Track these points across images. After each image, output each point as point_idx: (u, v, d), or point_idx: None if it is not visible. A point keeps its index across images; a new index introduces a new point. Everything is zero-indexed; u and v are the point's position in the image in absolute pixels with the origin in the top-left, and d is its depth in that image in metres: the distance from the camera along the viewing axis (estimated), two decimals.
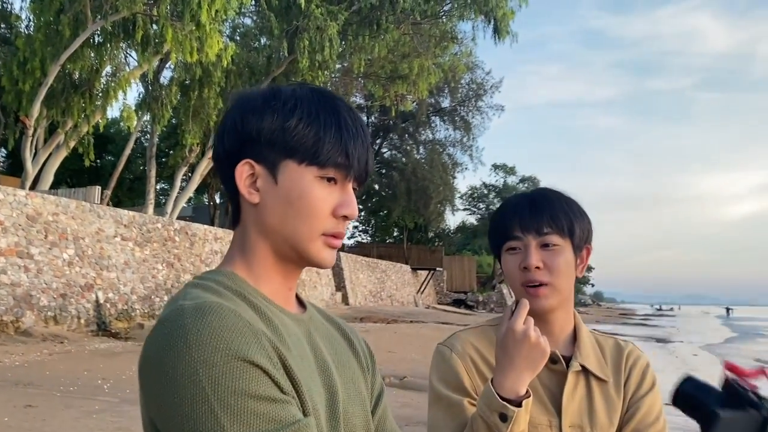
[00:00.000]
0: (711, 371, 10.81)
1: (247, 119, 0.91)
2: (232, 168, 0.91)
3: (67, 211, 13.12)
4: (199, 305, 0.80)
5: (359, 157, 0.91)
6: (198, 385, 0.74)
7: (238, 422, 0.74)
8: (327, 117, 0.90)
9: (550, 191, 1.42)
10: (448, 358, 1.37)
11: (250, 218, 0.93)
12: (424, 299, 35.86)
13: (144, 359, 0.80)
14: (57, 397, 6.71)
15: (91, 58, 16.01)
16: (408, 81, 21.02)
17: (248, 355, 0.77)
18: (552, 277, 1.33)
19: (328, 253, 0.92)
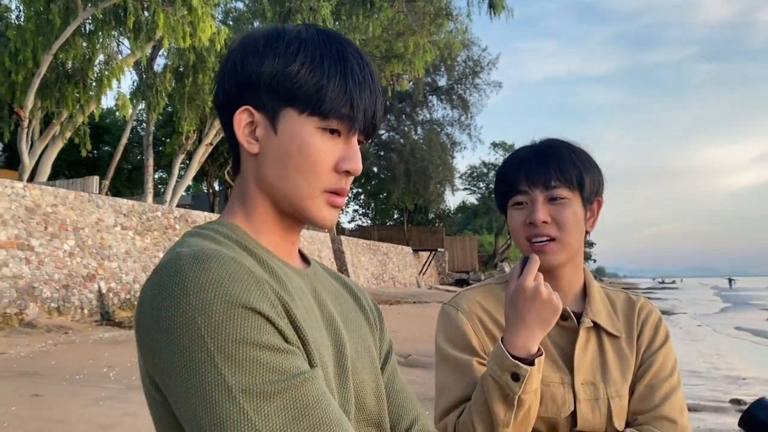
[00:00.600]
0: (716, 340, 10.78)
1: (247, 61, 0.84)
2: (232, 115, 0.86)
3: (66, 202, 13.08)
4: (197, 252, 0.75)
5: (365, 108, 0.84)
6: (196, 333, 0.69)
7: (240, 371, 0.68)
8: (332, 63, 0.83)
9: (558, 141, 1.36)
10: (454, 317, 1.33)
11: (249, 169, 0.87)
12: (427, 280, 35.94)
13: (140, 309, 0.75)
14: (63, 385, 6.72)
15: (83, 47, 15.87)
16: (403, 60, 20.88)
17: (250, 302, 0.71)
18: (560, 232, 1.28)
19: (329, 211, 0.86)
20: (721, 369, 10.66)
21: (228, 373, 0.68)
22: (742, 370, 10.49)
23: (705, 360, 11.68)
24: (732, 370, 10.57)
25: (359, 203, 48.07)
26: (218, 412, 0.68)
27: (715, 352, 12.79)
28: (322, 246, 24.16)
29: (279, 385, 0.69)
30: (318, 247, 23.66)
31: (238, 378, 0.68)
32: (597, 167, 1.35)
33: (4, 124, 16.31)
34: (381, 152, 39.64)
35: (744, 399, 7.62)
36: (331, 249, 25.29)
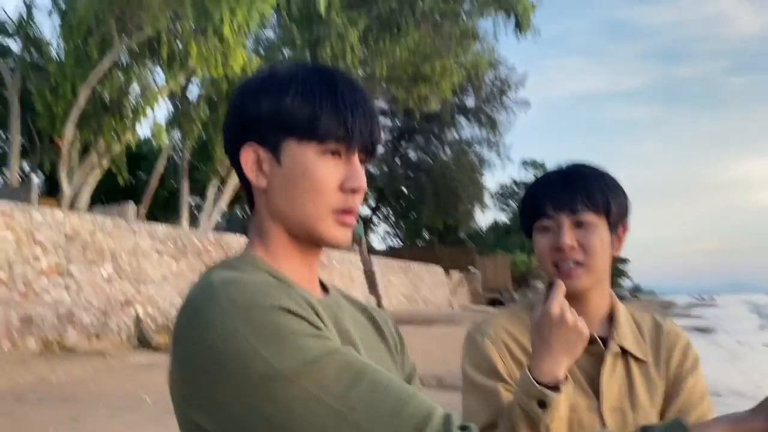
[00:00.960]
0: (758, 359, 10.43)
1: (246, 104, 0.91)
2: (237, 153, 0.92)
3: (104, 229, 13.39)
4: (225, 278, 0.81)
5: (361, 128, 0.89)
6: (240, 337, 0.74)
7: (290, 357, 0.73)
8: (322, 91, 0.89)
9: (584, 166, 1.36)
10: (480, 343, 1.33)
11: (262, 203, 0.93)
12: (459, 300, 35.65)
13: (177, 336, 0.80)
14: (101, 410, 6.85)
15: (120, 79, 16.35)
16: (431, 82, 21.00)
17: (282, 305, 0.77)
18: (586, 257, 1.28)
19: (341, 231, 0.91)
20: (765, 389, 10.35)
21: (278, 363, 0.73)
22: None
23: (748, 380, 11.34)
24: None
25: (389, 224, 48.12)
26: (283, 401, 0.72)
27: (758, 372, 12.42)
28: (352, 267, 24.21)
29: (327, 358, 0.74)
30: (349, 269, 23.72)
31: (289, 363, 0.73)
32: (623, 192, 1.36)
33: (45, 154, 16.83)
34: (410, 173, 39.68)
35: None
36: (361, 270, 25.33)
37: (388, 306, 26.31)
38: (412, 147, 40.17)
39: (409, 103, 23.11)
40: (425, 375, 9.66)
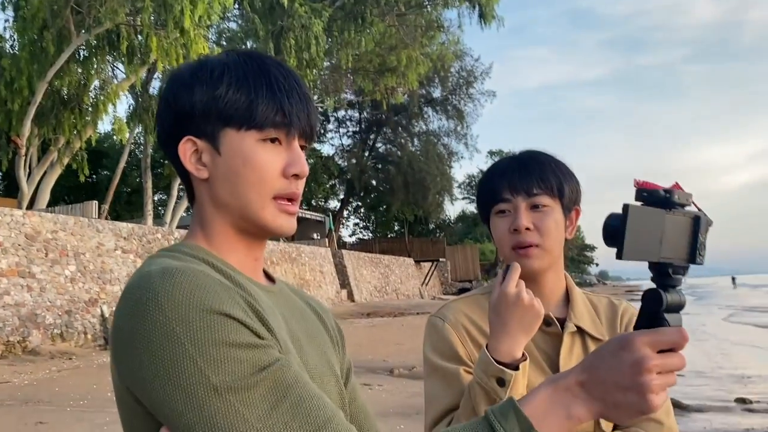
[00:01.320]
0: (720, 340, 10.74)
1: (178, 96, 0.90)
2: (174, 146, 0.90)
3: (66, 228, 13.11)
4: (166, 268, 0.79)
5: (298, 113, 0.89)
6: (177, 341, 0.73)
7: (222, 371, 0.73)
8: (257, 78, 0.88)
9: (538, 152, 1.40)
10: (440, 328, 1.35)
11: (203, 194, 0.92)
12: (429, 290, 35.88)
13: (115, 329, 0.78)
14: (67, 412, 6.71)
15: (78, 73, 15.97)
16: (397, 73, 21.00)
17: (222, 309, 0.76)
18: (542, 239, 1.31)
19: (285, 219, 0.90)
20: (726, 368, 10.64)
21: (211, 373, 0.73)
22: (746, 369, 10.46)
23: (710, 360, 11.65)
24: (736, 369, 10.55)
25: (359, 216, 48.13)
26: (207, 411, 0.72)
27: (719, 352, 12.76)
28: (323, 261, 24.15)
29: (258, 375, 0.74)
30: (319, 262, 23.65)
31: (221, 377, 0.73)
32: (575, 177, 1.39)
33: (1, 152, 16.38)
34: (379, 165, 39.71)
35: (749, 398, 7.60)
36: (332, 263, 25.28)
37: (359, 298, 26.34)
38: (381, 139, 40.19)
39: (376, 95, 23.07)
40: (397, 366, 9.68)
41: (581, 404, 0.76)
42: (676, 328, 0.77)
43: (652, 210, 0.79)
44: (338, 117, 38.32)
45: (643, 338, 0.74)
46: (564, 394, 0.76)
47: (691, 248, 0.84)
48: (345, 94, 27.79)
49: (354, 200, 43.36)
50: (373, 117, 38.02)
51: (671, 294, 0.80)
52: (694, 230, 0.84)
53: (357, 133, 39.67)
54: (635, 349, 0.73)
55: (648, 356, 0.73)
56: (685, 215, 0.83)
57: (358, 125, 39.57)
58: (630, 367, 0.73)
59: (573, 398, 0.76)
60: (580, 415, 0.76)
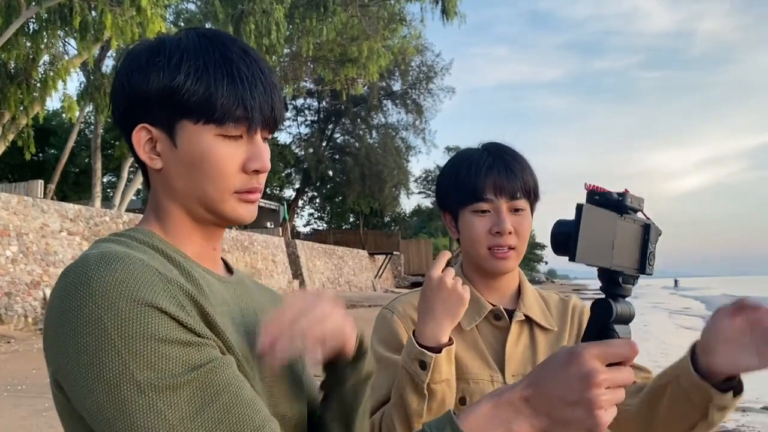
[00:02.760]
0: (661, 340, 11.03)
1: (133, 79, 0.84)
2: (129, 132, 0.86)
3: (9, 207, 12.63)
4: (104, 254, 0.75)
5: (261, 106, 0.84)
6: (103, 331, 0.69)
7: (148, 367, 0.69)
8: (217, 68, 0.82)
9: (514, 151, 1.39)
10: (389, 320, 1.37)
11: (158, 183, 0.88)
12: (382, 283, 36.00)
13: (48, 312, 0.75)
14: (4, 396, 6.50)
15: (27, 47, 15.37)
16: (358, 64, 20.93)
17: (156, 302, 0.72)
18: (519, 242, 1.34)
19: (245, 208, 0.87)
20: (664, 367, 11.00)
21: (136, 369, 0.69)
22: None
23: (651, 359, 12.02)
24: None
25: (314, 207, 47.89)
26: (128, 408, 0.69)
27: (660, 351, 13.19)
28: (276, 250, 23.95)
29: (187, 376, 0.70)
30: (272, 251, 23.45)
31: (146, 373, 0.69)
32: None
33: None
34: (336, 156, 39.56)
35: None
36: (285, 253, 25.09)
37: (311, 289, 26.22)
38: (339, 130, 40.03)
39: (336, 85, 22.96)
40: None
41: (524, 420, 0.72)
42: (625, 340, 0.74)
43: (605, 212, 0.77)
44: (296, 105, 37.96)
45: (592, 351, 0.71)
46: (506, 408, 0.73)
47: (642, 257, 0.82)
48: (304, 83, 27.59)
49: (309, 190, 43.11)
50: (332, 107, 37.83)
51: (621, 304, 0.79)
52: (645, 239, 0.82)
53: (315, 122, 39.41)
54: (583, 362, 0.70)
55: (597, 370, 0.70)
56: (636, 222, 0.81)
57: (317, 114, 39.33)
58: (578, 382, 0.70)
59: (516, 414, 0.72)
60: (522, 431, 0.72)
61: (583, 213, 0.74)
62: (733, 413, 7.64)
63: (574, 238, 0.73)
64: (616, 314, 0.78)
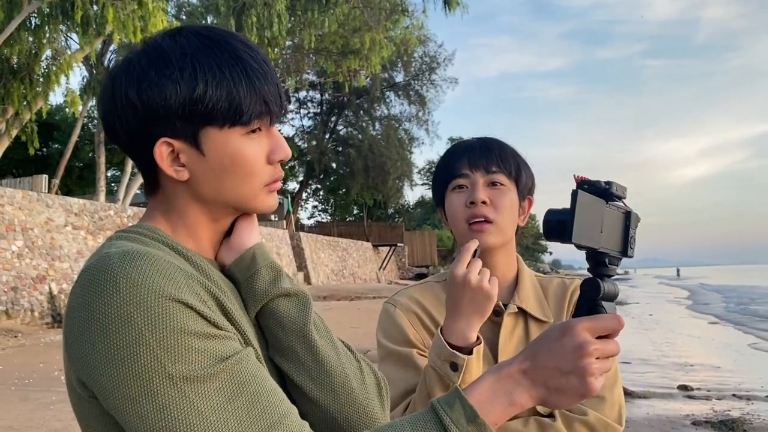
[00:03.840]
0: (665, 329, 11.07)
1: (145, 95, 0.81)
2: (142, 146, 0.84)
3: (13, 202, 12.67)
4: (126, 252, 0.76)
5: (274, 99, 0.86)
6: (134, 327, 0.71)
7: (179, 360, 0.72)
8: (232, 69, 0.82)
9: (497, 139, 1.42)
10: (392, 313, 1.37)
11: (178, 192, 0.87)
12: (387, 275, 36.03)
13: (70, 311, 0.76)
14: (12, 390, 6.54)
15: (29, 42, 15.36)
16: (360, 56, 20.84)
17: (182, 297, 0.74)
18: (497, 215, 1.32)
19: (272, 198, 0.90)
20: (670, 357, 11.01)
21: (168, 362, 0.71)
22: (689, 357, 10.85)
23: (655, 348, 12.04)
24: (680, 357, 10.93)
25: (318, 199, 47.89)
26: (162, 400, 0.71)
27: (664, 341, 13.19)
28: (280, 243, 23.98)
29: (215, 367, 0.73)
30: (276, 244, 23.48)
31: (177, 366, 0.71)
32: (530, 169, 1.41)
33: None
34: (339, 148, 39.49)
35: (691, 385, 7.90)
36: (290, 245, 25.13)
37: (316, 281, 26.28)
38: (342, 122, 39.92)
39: (339, 77, 22.89)
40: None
41: (523, 391, 0.78)
42: (612, 314, 0.81)
43: (596, 199, 0.85)
44: (299, 98, 37.86)
45: (584, 324, 0.78)
46: (507, 381, 0.79)
47: (624, 241, 0.90)
48: (307, 75, 27.48)
49: (313, 183, 43.08)
50: (335, 99, 37.70)
51: (607, 283, 0.86)
52: (626, 224, 0.90)
53: (318, 114, 39.32)
54: (576, 333, 0.77)
55: (588, 341, 0.77)
56: (618, 210, 0.90)
57: (320, 107, 39.22)
58: (571, 352, 0.77)
59: (515, 385, 0.78)
60: (522, 402, 0.78)
61: (578, 198, 0.81)
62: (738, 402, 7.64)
63: (571, 221, 0.80)
64: (603, 292, 0.85)
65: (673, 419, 6.23)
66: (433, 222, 51.69)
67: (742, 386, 8.07)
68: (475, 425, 0.76)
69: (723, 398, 7.26)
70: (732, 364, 10.16)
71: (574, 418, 1.26)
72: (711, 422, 6.01)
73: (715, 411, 6.54)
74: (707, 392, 7.62)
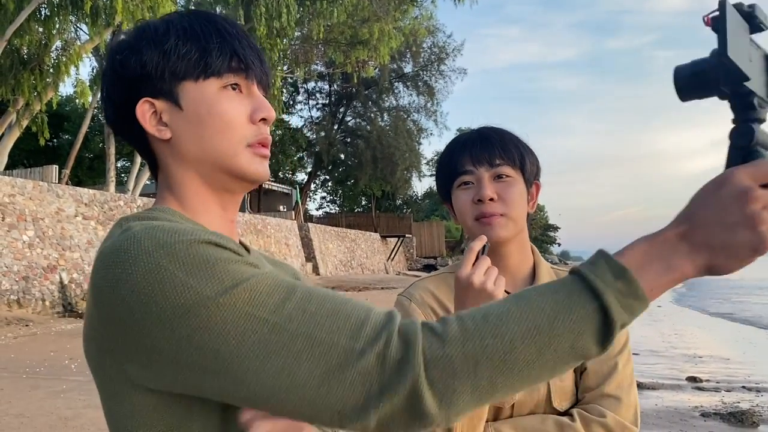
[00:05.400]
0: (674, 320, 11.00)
1: (126, 62, 0.86)
2: (129, 117, 0.86)
3: (24, 192, 12.76)
4: (145, 224, 0.77)
5: (251, 59, 0.87)
6: (165, 272, 0.69)
7: (216, 281, 0.69)
8: (203, 26, 0.86)
9: (497, 128, 1.39)
10: (407, 307, 1.35)
11: (167, 156, 0.88)
12: (395, 266, 36.06)
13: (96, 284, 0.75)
14: (23, 379, 6.60)
15: (39, 33, 15.41)
16: (369, 46, 20.77)
17: (207, 238, 0.74)
18: (506, 208, 1.30)
19: (259, 163, 0.88)
20: (679, 348, 10.97)
21: (205, 287, 0.69)
22: (698, 349, 10.81)
23: (664, 339, 12.00)
24: (689, 348, 10.89)
25: (327, 190, 47.93)
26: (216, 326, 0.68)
27: (673, 332, 13.14)
28: (289, 233, 24.03)
29: (255, 278, 0.71)
30: (285, 235, 23.54)
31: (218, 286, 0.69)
32: (533, 152, 1.39)
33: None
34: (348, 139, 39.46)
35: (700, 377, 7.87)
36: (298, 236, 25.18)
37: (324, 272, 26.34)
38: (350, 113, 39.86)
39: (347, 68, 22.83)
40: None
41: (684, 255, 0.67)
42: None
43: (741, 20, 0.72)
44: (308, 89, 37.85)
45: (743, 171, 0.67)
46: (662, 246, 0.68)
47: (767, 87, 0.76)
48: (315, 66, 27.43)
49: (322, 174, 43.10)
50: (343, 90, 37.63)
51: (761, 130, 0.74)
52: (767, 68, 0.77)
53: (326, 105, 39.28)
54: (737, 181, 0.67)
55: (752, 186, 0.66)
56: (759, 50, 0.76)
57: (328, 98, 39.18)
58: (735, 201, 0.66)
59: (673, 250, 0.68)
60: (683, 268, 0.67)
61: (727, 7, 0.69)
62: (747, 393, 7.58)
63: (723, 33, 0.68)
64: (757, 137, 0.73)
65: (682, 411, 6.21)
66: (442, 213, 51.63)
67: (751, 378, 8.04)
68: (624, 282, 0.66)
69: (732, 390, 7.23)
70: (742, 356, 10.11)
71: (591, 419, 1.25)
72: (720, 414, 5.99)
73: (724, 403, 6.52)
74: (716, 384, 7.59)
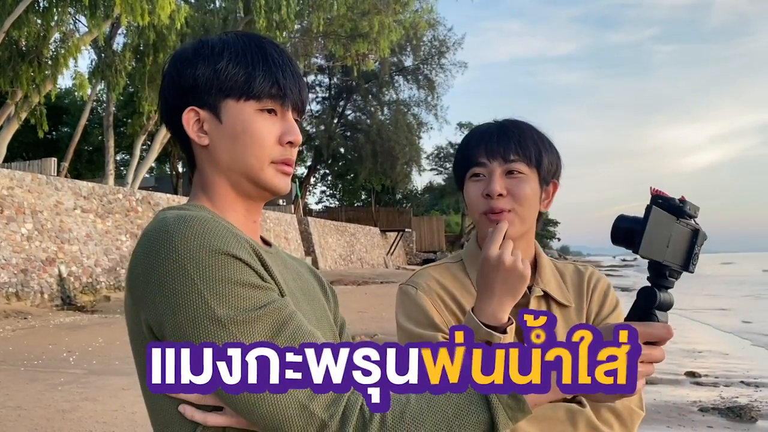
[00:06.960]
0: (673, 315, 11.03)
1: (182, 72, 0.99)
2: (177, 119, 0.99)
3: (23, 185, 12.73)
4: (181, 215, 0.89)
5: (291, 87, 0.99)
6: (187, 277, 0.84)
7: (227, 305, 0.83)
8: (254, 54, 0.98)
9: (520, 121, 1.36)
10: (414, 296, 1.32)
11: (204, 160, 1.01)
12: (394, 260, 36.07)
13: (133, 268, 0.89)
14: (21, 371, 6.59)
15: (37, 25, 15.34)
16: (369, 39, 20.70)
17: (230, 250, 0.86)
18: (516, 205, 1.28)
19: (281, 179, 1.00)
20: (678, 343, 10.96)
21: (216, 307, 0.83)
22: (697, 344, 10.81)
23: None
24: (688, 344, 10.88)
25: (326, 184, 47.89)
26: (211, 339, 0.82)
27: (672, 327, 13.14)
28: (288, 227, 24.02)
29: (259, 311, 0.84)
30: (285, 228, 23.52)
31: (225, 310, 0.83)
32: (556, 150, 1.36)
33: None
34: (347, 133, 39.39)
35: (698, 372, 7.87)
36: (297, 230, 25.17)
37: (323, 266, 26.33)
38: (350, 106, 39.77)
39: (347, 61, 22.76)
40: (359, 333, 9.75)
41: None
42: (663, 324, 0.87)
43: (667, 215, 0.90)
44: (308, 82, 37.69)
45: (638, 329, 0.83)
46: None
47: (687, 257, 0.94)
48: (315, 59, 27.36)
49: (321, 167, 43.06)
50: (343, 83, 37.54)
51: (664, 294, 0.90)
52: (693, 241, 0.95)
53: (326, 99, 39.19)
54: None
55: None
56: (688, 226, 0.94)
57: (328, 91, 39.09)
58: None
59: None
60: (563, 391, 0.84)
61: (651, 214, 0.86)
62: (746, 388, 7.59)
63: (640, 234, 0.85)
64: (659, 301, 0.89)
65: (681, 406, 6.21)
66: (441, 207, 51.62)
67: (750, 373, 8.03)
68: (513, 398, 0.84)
69: (731, 385, 7.23)
70: (740, 352, 10.11)
71: (601, 405, 1.25)
72: (718, 409, 5.98)
73: (722, 398, 6.52)
74: (715, 379, 7.58)
